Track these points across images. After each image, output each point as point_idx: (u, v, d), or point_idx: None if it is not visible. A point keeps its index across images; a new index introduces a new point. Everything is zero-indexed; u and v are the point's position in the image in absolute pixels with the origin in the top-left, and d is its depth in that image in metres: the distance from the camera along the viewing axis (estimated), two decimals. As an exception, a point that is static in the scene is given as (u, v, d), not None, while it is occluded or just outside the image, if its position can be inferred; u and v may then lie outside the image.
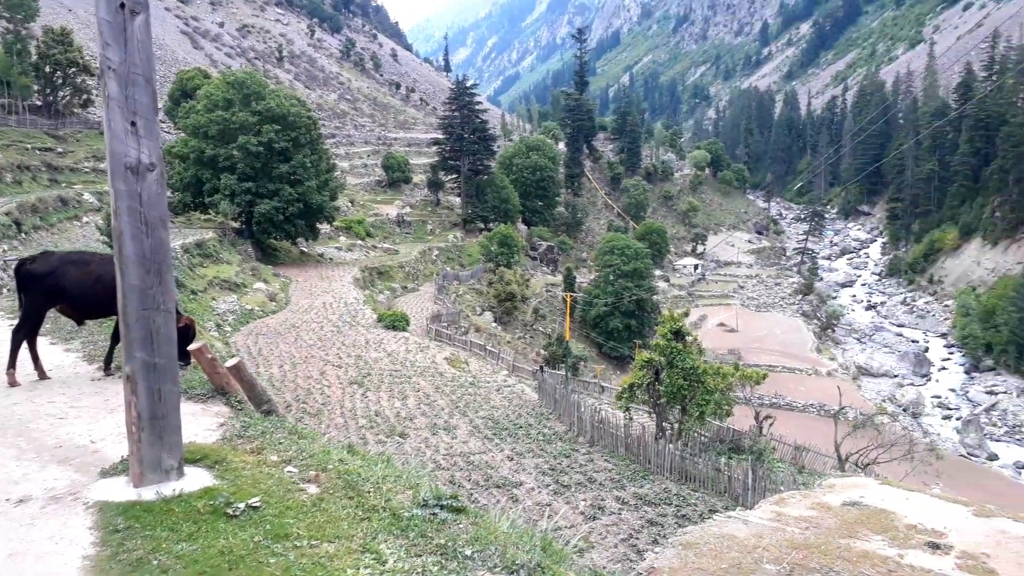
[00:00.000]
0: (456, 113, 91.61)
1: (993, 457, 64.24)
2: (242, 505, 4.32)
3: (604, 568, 12.28)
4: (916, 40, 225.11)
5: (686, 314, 26.25)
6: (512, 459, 21.98)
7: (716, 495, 19.67)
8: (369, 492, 4.60)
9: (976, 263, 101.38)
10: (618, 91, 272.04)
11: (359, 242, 73.09)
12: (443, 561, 3.75)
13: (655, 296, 78.45)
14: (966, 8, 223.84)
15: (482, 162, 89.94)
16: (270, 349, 32.33)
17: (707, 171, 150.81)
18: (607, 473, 21.38)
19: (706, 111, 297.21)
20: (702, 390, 23.39)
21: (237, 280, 43.06)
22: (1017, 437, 68.03)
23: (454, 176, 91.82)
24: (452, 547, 3.91)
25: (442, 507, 4.43)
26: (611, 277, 73.66)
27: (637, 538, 16.50)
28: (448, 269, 72.41)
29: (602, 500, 18.86)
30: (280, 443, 5.59)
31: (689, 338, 24.53)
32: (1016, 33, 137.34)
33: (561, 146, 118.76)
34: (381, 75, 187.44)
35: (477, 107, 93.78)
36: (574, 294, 69.56)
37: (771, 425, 28.52)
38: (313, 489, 4.68)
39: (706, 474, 20.32)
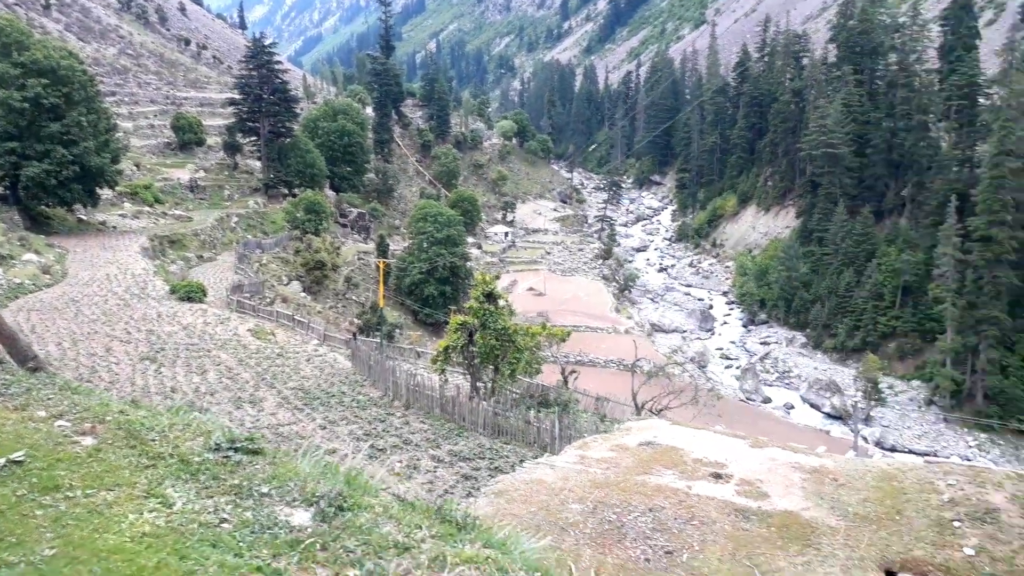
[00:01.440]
0: (254, 73, 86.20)
1: (767, 400, 72.31)
2: (1, 460, 3.78)
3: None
4: (700, 21, 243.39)
5: (497, 277, 26.81)
6: (325, 428, 21.42)
7: (527, 446, 20.42)
8: (155, 440, 4.19)
9: (752, 228, 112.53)
10: (425, 58, 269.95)
11: (147, 209, 67.14)
12: (237, 500, 3.51)
13: (468, 263, 79.46)
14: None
15: (284, 124, 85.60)
16: (45, 326, 29.01)
17: (514, 141, 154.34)
18: (423, 434, 21.46)
19: (511, 82, 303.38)
20: (513, 349, 24.08)
21: (1, 252, 38.06)
22: (786, 381, 77.00)
23: (253, 139, 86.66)
24: (248, 487, 3.67)
25: (236, 449, 4.14)
26: (425, 244, 73.49)
27: (452, 493, 16.75)
28: (250, 237, 68.61)
29: (418, 460, 18.93)
30: (49, 399, 4.96)
31: (501, 301, 25.08)
32: (784, 19, 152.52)
33: (369, 111, 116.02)
34: (168, 30, 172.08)
35: (277, 67, 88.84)
36: (387, 261, 68.71)
37: (576, 379, 30.02)
38: (89, 441, 4.20)
39: (517, 427, 21.02)
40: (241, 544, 3.22)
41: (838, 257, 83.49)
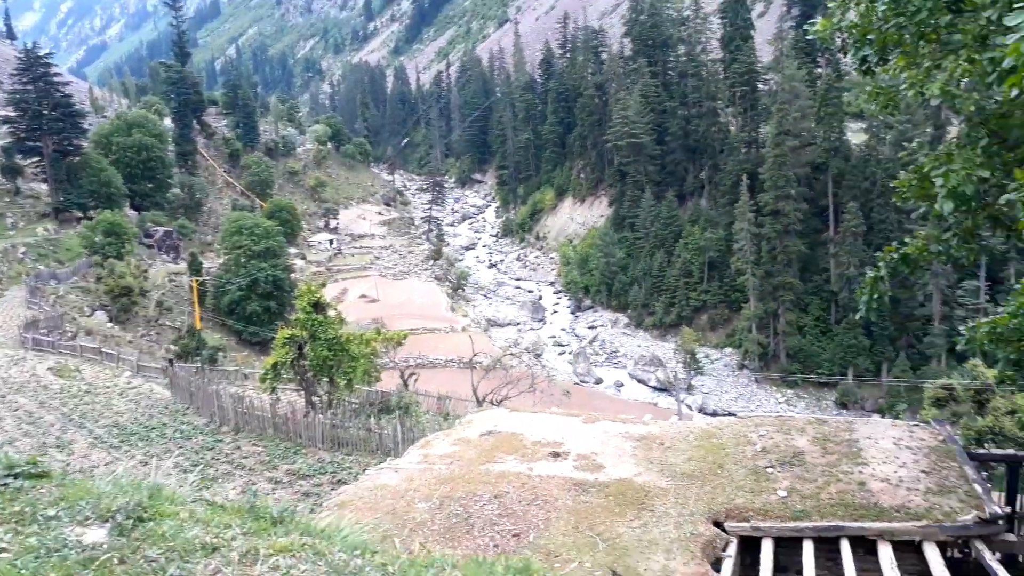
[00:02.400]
0: (29, 87, 77.82)
1: (599, 381, 75.80)
2: None
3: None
4: (503, 19, 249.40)
5: (323, 284, 26.03)
6: (146, 464, 19.77)
7: (370, 455, 20.01)
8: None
9: (570, 219, 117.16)
10: (226, 64, 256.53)
11: (-91, 246, 58.79)
12: (19, 527, 3.16)
13: (292, 275, 76.48)
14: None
15: (71, 142, 78.01)
16: None
17: (329, 146, 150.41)
18: (256, 457, 20.42)
19: (320, 85, 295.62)
20: (348, 358, 23.47)
21: None
22: (615, 361, 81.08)
23: (36, 160, 78.29)
24: (31, 512, 3.32)
25: (16, 476, 3.71)
26: (242, 259, 69.73)
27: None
28: (42, 268, 62.00)
29: (254, 484, 17.97)
30: None
31: (330, 310, 24.36)
32: (581, 15, 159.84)
33: (168, 122, 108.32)
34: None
35: (56, 80, 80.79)
36: (202, 280, 64.53)
37: (416, 382, 29.85)
38: None
39: (358, 437, 20.54)
40: (23, 572, 2.91)
41: (649, 240, 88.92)
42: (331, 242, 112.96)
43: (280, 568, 3.25)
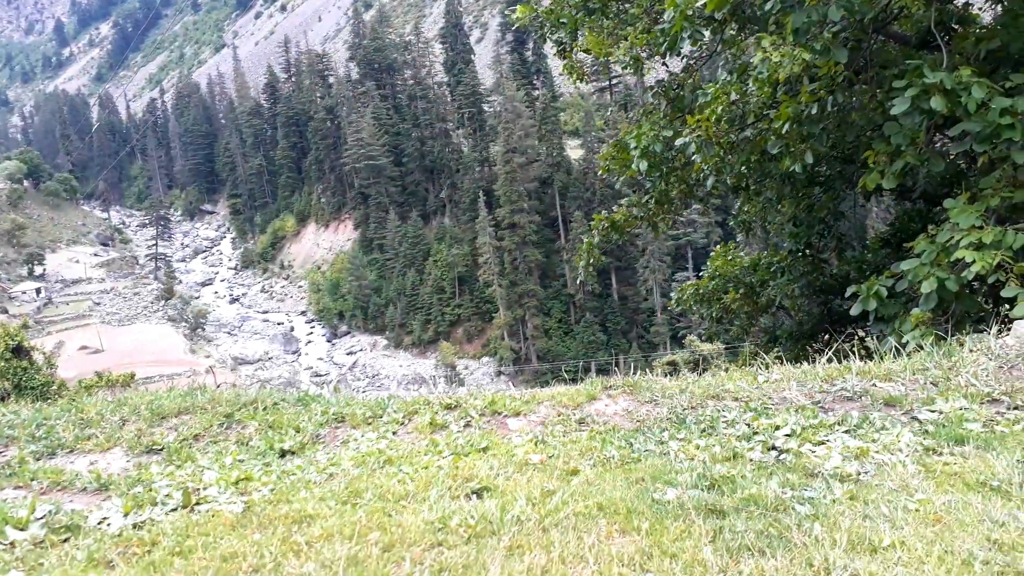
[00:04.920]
0: None
1: (359, 404, 74.29)
2: None
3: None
4: (220, 44, 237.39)
5: (26, 326, 22.59)
6: None
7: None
8: None
9: (316, 244, 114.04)
10: None
11: None
12: None
13: (-13, 333, 65.57)
14: (258, 16, 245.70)
15: None
16: None
17: (26, 184, 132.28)
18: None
19: (9, 118, 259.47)
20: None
21: None
22: (377, 384, 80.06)
23: None
24: None
25: None
26: (-83, 321, 58.52)
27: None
28: None
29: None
30: None
31: (36, 354, 21.20)
32: (303, 40, 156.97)
33: None
34: None
35: None
36: None
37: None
38: None
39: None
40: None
41: (399, 260, 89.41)
42: (38, 291, 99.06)
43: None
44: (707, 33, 7.90)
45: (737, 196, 12.89)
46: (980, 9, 10.86)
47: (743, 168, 10.29)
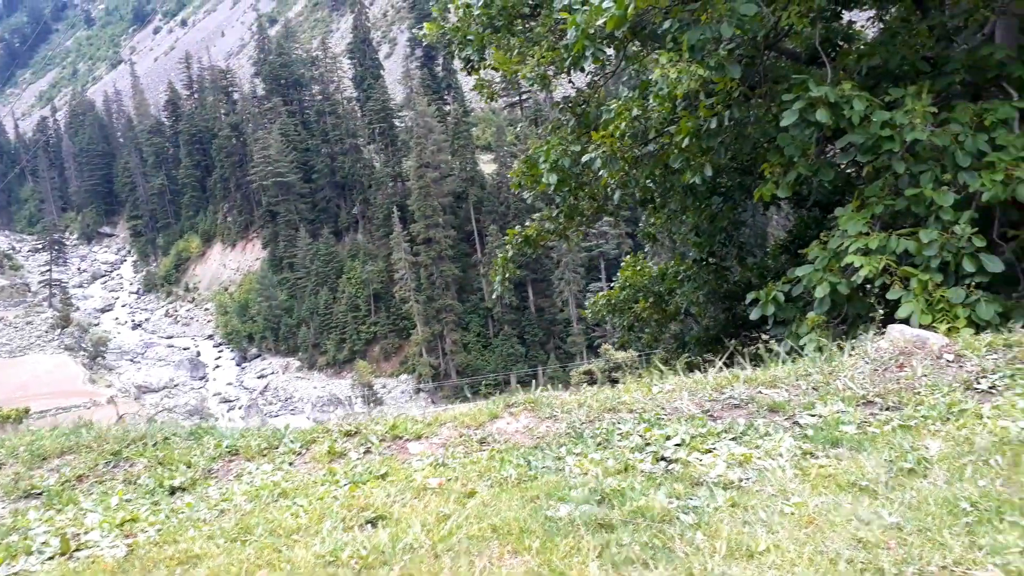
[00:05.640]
0: None
1: (274, 429, 72.10)
2: None
3: None
4: (117, 60, 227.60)
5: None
6: None
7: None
8: None
9: (223, 265, 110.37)
10: None
11: None
12: None
13: None
14: (156, 31, 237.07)
15: None
16: None
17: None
18: None
19: None
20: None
21: None
22: (291, 408, 77.90)
23: None
24: None
25: None
26: None
27: None
28: None
29: None
30: None
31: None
32: (205, 56, 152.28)
33: None
34: None
35: None
36: None
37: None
38: None
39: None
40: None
41: (311, 279, 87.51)
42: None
43: None
44: (609, 51, 8.15)
45: (644, 208, 13.28)
46: (862, 27, 11.59)
47: (648, 182, 10.61)
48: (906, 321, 6.58)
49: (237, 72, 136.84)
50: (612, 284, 15.52)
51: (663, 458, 3.93)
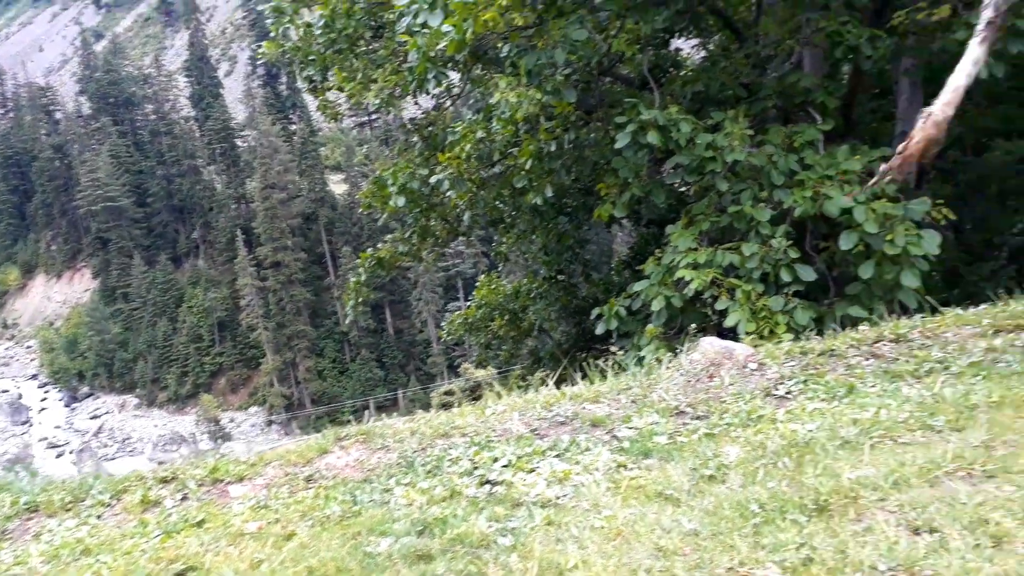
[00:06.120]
0: None
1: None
2: None
3: None
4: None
5: None
6: None
7: None
8: None
9: (47, 298, 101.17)
10: None
11: None
12: None
13: None
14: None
15: None
16: None
17: None
18: None
19: None
20: None
21: None
22: (129, 449, 72.22)
23: None
24: None
25: None
26: None
27: None
28: None
29: None
30: None
31: None
32: (22, 72, 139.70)
33: None
34: None
35: None
36: None
37: None
38: None
39: None
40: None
41: (148, 309, 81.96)
42: None
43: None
44: (454, 74, 8.29)
45: (495, 229, 13.56)
46: (688, 55, 12.45)
47: (498, 202, 10.85)
48: (734, 329, 7.10)
49: (59, 90, 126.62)
50: (470, 303, 15.67)
51: (488, 481, 3.91)
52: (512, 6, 6.55)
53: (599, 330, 8.51)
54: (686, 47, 12.44)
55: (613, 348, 9.85)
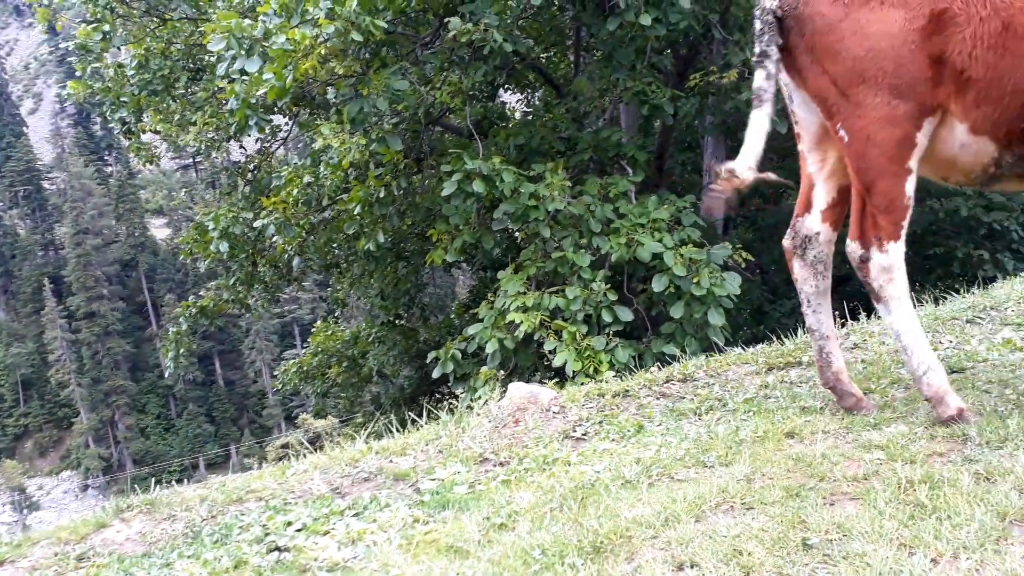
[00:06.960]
0: None
1: None
2: None
3: None
4: None
5: None
6: None
7: None
8: None
9: None
10: None
11: None
12: None
13: None
14: None
15: None
16: None
17: None
18: None
19: None
20: None
21: None
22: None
23: None
24: None
25: None
26: None
27: None
28: None
29: None
30: None
31: None
32: None
33: None
34: None
35: None
36: None
37: None
38: None
39: None
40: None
41: (-65, 369, 72.57)
42: None
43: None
44: (276, 118, 8.15)
45: (330, 273, 13.34)
46: (512, 108, 13.01)
47: (332, 247, 10.71)
48: (562, 368, 7.41)
49: None
50: (306, 350, 15.25)
51: (277, 547, 3.62)
52: (332, 56, 6.59)
53: (436, 373, 8.59)
54: (512, 100, 13.00)
55: (457, 391, 9.95)
